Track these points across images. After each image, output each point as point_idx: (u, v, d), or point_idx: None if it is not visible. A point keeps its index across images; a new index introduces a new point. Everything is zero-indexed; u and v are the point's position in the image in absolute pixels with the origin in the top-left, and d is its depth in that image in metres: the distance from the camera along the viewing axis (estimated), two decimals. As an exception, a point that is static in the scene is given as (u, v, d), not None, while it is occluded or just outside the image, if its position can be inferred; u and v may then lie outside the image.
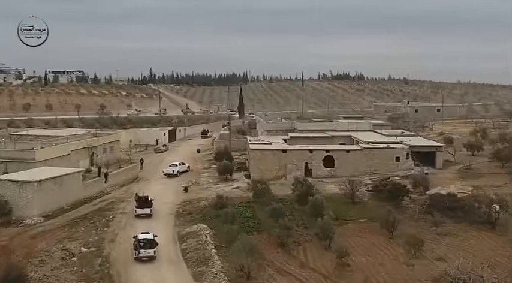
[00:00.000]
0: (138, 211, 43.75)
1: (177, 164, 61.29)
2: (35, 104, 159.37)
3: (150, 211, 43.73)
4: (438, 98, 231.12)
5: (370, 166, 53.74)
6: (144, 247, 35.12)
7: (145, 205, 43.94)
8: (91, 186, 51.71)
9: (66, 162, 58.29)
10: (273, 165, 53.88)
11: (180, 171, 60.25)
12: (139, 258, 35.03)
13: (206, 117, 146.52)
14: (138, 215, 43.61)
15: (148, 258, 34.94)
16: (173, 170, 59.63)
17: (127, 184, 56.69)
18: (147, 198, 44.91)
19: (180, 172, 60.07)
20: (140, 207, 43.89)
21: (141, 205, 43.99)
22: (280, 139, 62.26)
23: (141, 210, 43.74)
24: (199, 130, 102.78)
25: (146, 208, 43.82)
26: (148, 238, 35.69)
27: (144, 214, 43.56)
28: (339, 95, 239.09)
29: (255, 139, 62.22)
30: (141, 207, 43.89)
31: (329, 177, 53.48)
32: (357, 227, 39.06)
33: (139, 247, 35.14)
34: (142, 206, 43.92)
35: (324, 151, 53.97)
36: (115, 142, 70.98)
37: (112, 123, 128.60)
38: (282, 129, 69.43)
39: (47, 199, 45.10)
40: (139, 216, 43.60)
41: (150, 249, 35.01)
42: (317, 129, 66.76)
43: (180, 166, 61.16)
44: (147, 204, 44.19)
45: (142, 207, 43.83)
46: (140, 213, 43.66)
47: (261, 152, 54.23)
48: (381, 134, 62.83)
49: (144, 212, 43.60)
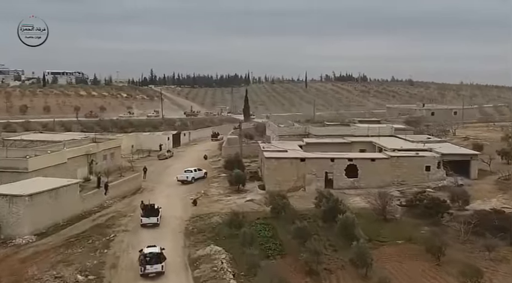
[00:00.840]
0: (144, 221, 40.78)
1: (192, 170, 57.08)
2: (32, 106, 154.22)
3: (156, 220, 40.77)
4: (445, 100, 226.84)
5: (397, 177, 48.79)
6: (151, 262, 32.04)
7: (151, 214, 41.15)
8: (90, 198, 46.71)
9: (62, 171, 53.31)
10: (290, 175, 48.91)
11: (196, 177, 56.10)
12: (145, 275, 31.68)
13: (209, 119, 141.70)
14: (144, 224, 40.61)
15: (155, 274, 31.73)
16: (187, 176, 55.45)
17: (129, 195, 51.72)
18: (154, 206, 42.14)
19: (196, 178, 55.88)
20: (146, 216, 41.01)
21: (147, 214, 41.16)
22: (295, 145, 57.27)
23: (147, 219, 40.79)
24: (204, 134, 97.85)
25: (153, 217, 40.93)
26: (155, 252, 32.71)
27: (151, 223, 40.60)
28: (344, 97, 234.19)
29: (269, 145, 57.18)
30: (147, 215, 41.02)
31: (352, 188, 48.58)
32: (395, 250, 34.03)
33: (146, 262, 32.01)
34: (148, 215, 41.07)
35: (347, 160, 49.00)
36: (116, 148, 65.94)
37: (112, 126, 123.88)
38: (296, 135, 64.34)
39: (40, 215, 40.17)
40: (146, 226, 40.55)
41: (157, 263, 31.98)
42: (334, 135, 61.62)
43: (196, 172, 56.94)
44: (154, 212, 41.40)
45: (148, 216, 40.95)
46: (146, 223, 40.70)
47: (277, 161, 49.22)
48: (405, 140, 57.77)
49: (151, 221, 40.68)
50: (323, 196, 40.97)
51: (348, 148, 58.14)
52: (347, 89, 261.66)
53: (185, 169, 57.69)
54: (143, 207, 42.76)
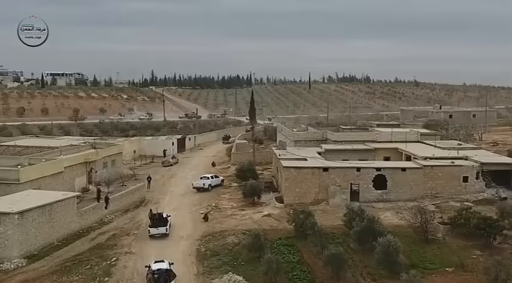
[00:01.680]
0: (152, 231, 38.18)
1: (209, 176, 53.22)
2: (30, 108, 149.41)
3: (165, 231, 38.32)
4: (453, 101, 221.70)
5: (431, 188, 43.79)
6: (159, 280, 29.00)
7: (160, 224, 38.63)
8: (88, 213, 41.70)
9: (58, 182, 48.53)
10: (311, 186, 43.93)
11: (212, 184, 52.24)
12: None
13: (213, 122, 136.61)
14: (152, 235, 37.99)
15: None
16: (204, 183, 51.50)
17: (132, 208, 46.78)
18: (162, 215, 39.79)
19: (212, 186, 52.02)
20: (155, 226, 38.44)
21: (155, 224, 38.60)
22: (314, 152, 52.25)
23: (155, 230, 38.20)
24: (210, 138, 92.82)
25: (161, 227, 38.41)
26: (163, 269, 29.74)
27: (159, 234, 38.10)
28: (349, 98, 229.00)
29: (285, 152, 52.14)
30: (155, 225, 38.48)
31: (380, 201, 43.59)
32: (447, 281, 28.93)
33: (154, 280, 29.00)
34: (157, 225, 38.53)
35: (374, 170, 43.97)
36: (117, 155, 60.92)
37: (113, 129, 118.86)
38: (312, 140, 59.30)
39: (32, 235, 35.26)
40: (154, 237, 37.89)
41: (166, 282, 28.98)
42: (355, 140, 56.57)
43: (213, 179, 53.07)
44: (163, 222, 38.97)
45: (157, 226, 38.43)
46: (155, 233, 38.10)
47: (297, 171, 44.19)
48: (434, 147, 52.71)
49: (159, 232, 38.16)
50: (353, 212, 35.89)
51: (371, 155, 53.21)
52: (351, 90, 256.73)
53: (201, 176, 53.97)
54: (151, 216, 39.88)
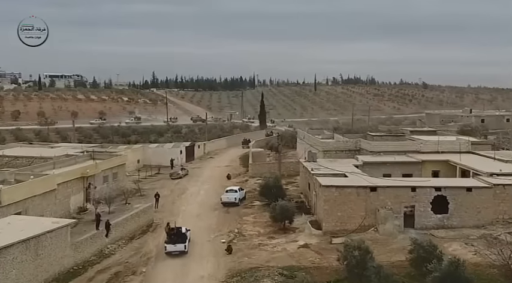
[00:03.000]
0: (168, 248, 34.23)
1: (236, 189, 47.67)
2: (26, 111, 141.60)
3: (184, 248, 34.29)
4: (466, 104, 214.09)
5: (502, 212, 36.07)
6: None
7: (178, 240, 34.53)
8: (85, 244, 33.86)
9: (50, 201, 40.81)
10: (356, 209, 36.16)
11: (240, 198, 47.03)
12: None
13: (219, 126, 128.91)
14: (168, 253, 34.02)
15: None
16: (235, 197, 46.15)
17: (138, 234, 38.98)
18: (180, 230, 35.67)
19: (240, 199, 46.77)
20: (172, 242, 34.41)
21: (173, 240, 34.53)
22: (350, 166, 44.52)
23: (172, 247, 34.20)
24: (220, 145, 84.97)
25: (179, 243, 34.33)
26: None
27: (177, 251, 34.10)
28: (357, 100, 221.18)
29: (316, 165, 44.33)
30: (173, 242, 34.43)
31: (440, 227, 35.87)
32: None
33: None
34: (174, 241, 34.48)
35: (433, 189, 36.16)
36: (119, 167, 53.08)
37: (113, 134, 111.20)
38: (344, 150, 51.56)
39: (12, 278, 27.42)
40: (170, 254, 33.84)
41: None
42: (396, 151, 48.76)
43: (240, 192, 47.19)
44: (181, 237, 34.84)
45: (174, 242, 34.36)
46: (172, 250, 34.09)
47: (339, 191, 36.39)
48: (493, 159, 44.91)
49: (177, 249, 34.17)
50: (423, 249, 28.12)
51: (417, 169, 45.52)
52: (359, 92, 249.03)
53: (227, 189, 48.19)
54: (168, 231, 35.83)
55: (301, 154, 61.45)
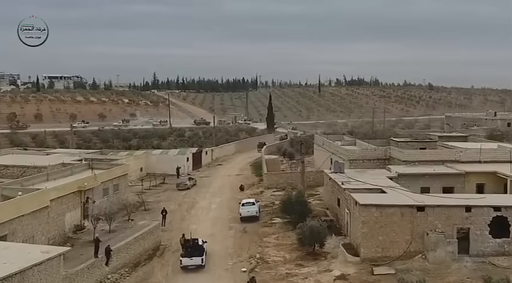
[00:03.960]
0: (184, 262, 31.72)
1: (253, 202, 42.65)
2: (22, 114, 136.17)
3: (201, 261, 31.76)
4: (475, 105, 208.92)
5: None
6: None
7: (194, 253, 32.00)
8: (82, 275, 28.46)
9: (41, 220, 35.45)
10: (400, 233, 30.77)
11: (259, 211, 42.27)
12: None
13: (224, 129, 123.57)
14: (184, 267, 31.58)
15: None
16: (256, 210, 41.31)
17: (144, 261, 33.58)
18: (197, 242, 33.17)
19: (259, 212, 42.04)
20: (188, 255, 31.92)
21: (189, 253, 32.05)
22: (383, 178, 39.12)
23: (188, 260, 31.71)
24: (228, 151, 79.44)
25: (196, 256, 31.79)
26: None
27: (193, 265, 31.69)
28: (364, 102, 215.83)
29: (344, 177, 38.83)
30: (189, 255, 31.96)
31: (500, 254, 30.46)
32: None
33: None
34: (191, 254, 31.96)
35: (492, 209, 30.74)
36: (121, 178, 47.61)
37: (113, 137, 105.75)
38: (372, 159, 46.10)
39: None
40: (187, 269, 31.27)
41: None
42: (432, 160, 43.21)
43: (257, 204, 42.63)
44: (198, 250, 32.32)
45: (190, 255, 31.87)
46: (188, 264, 31.74)
47: (380, 210, 30.96)
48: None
49: (194, 263, 31.73)
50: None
51: (459, 182, 40.06)
52: (364, 93, 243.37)
53: (244, 202, 42.79)
54: (184, 242, 33.40)
55: (320, 162, 56.18)
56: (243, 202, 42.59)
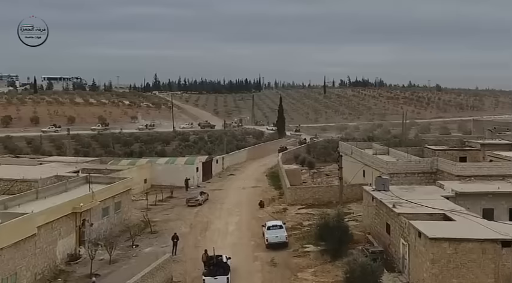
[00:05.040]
0: (207, 281, 28.17)
1: (280, 224, 36.33)
2: (18, 117, 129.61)
3: (227, 281, 28.22)
4: (487, 107, 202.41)
5: None
6: None
7: (218, 271, 28.68)
8: None
9: (28, 251, 29.15)
10: (481, 274, 24.26)
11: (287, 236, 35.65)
12: None
13: (230, 132, 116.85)
14: None
15: None
16: (285, 236, 35.04)
17: (153, 304, 26.87)
18: (221, 259, 30.22)
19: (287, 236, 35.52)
20: (211, 274, 28.52)
21: (212, 272, 28.70)
22: (437, 197, 32.56)
23: (212, 280, 28.20)
24: (239, 158, 72.70)
25: (220, 275, 28.35)
26: None
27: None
28: (372, 104, 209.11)
29: (391, 197, 32.22)
30: (212, 274, 28.57)
31: None
32: None
33: None
34: (214, 272, 28.61)
35: None
36: (123, 194, 40.96)
37: (114, 142, 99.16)
38: (416, 172, 39.54)
39: None
40: None
41: None
42: (489, 175, 36.71)
43: (284, 226, 36.25)
44: (222, 268, 29.07)
45: (214, 274, 28.47)
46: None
47: (454, 246, 24.40)
48: None
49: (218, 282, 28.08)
50: None
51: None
52: (370, 95, 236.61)
53: (269, 225, 36.08)
54: (206, 259, 30.55)
55: (350, 174, 49.42)
56: (268, 225, 35.97)
